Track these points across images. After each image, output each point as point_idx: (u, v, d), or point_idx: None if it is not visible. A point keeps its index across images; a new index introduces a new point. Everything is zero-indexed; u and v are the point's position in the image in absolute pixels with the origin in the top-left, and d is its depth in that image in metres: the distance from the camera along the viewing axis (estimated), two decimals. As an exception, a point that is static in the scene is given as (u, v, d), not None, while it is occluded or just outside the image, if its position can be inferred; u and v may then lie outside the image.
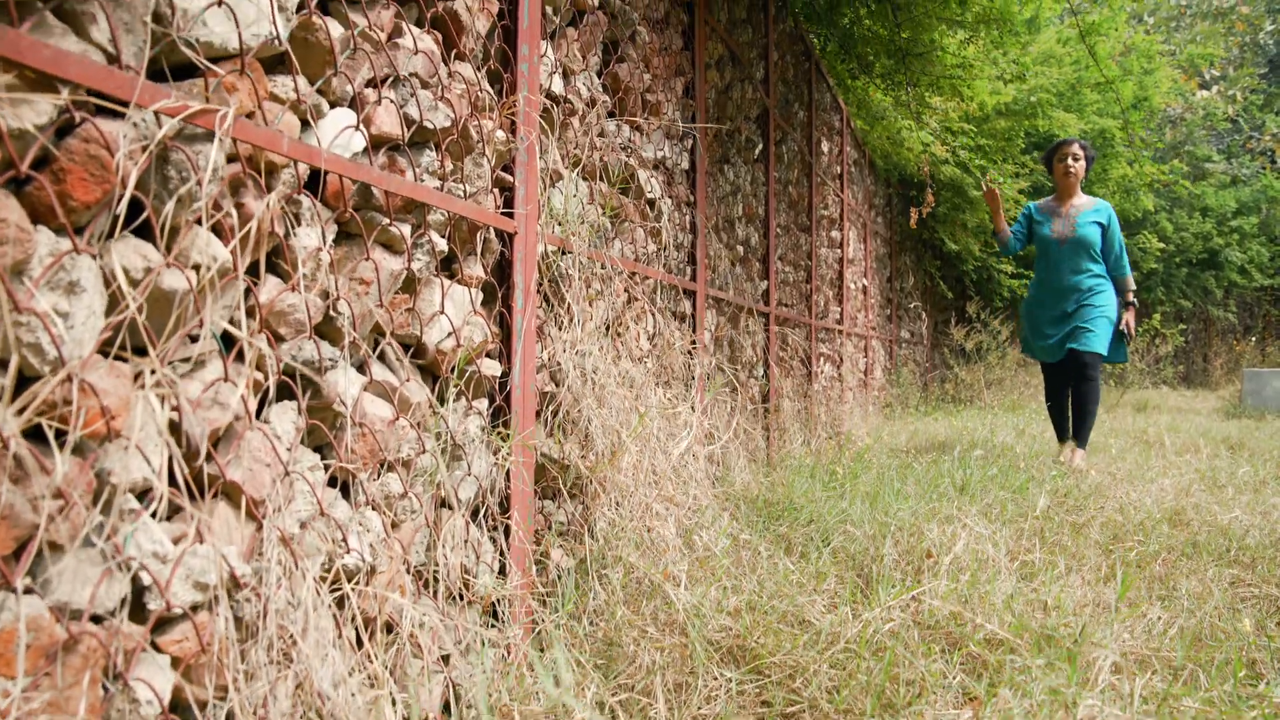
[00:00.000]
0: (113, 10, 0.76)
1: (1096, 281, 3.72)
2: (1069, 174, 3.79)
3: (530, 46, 1.54)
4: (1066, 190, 3.83)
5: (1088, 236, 3.70)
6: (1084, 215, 3.76)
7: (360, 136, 1.09)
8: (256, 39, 0.93)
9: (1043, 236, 3.83)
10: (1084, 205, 3.80)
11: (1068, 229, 3.74)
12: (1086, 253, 3.72)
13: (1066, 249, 3.73)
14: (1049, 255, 3.81)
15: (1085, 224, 3.73)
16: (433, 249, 1.27)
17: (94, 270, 0.75)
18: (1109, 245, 3.77)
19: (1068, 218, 3.78)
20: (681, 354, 2.37)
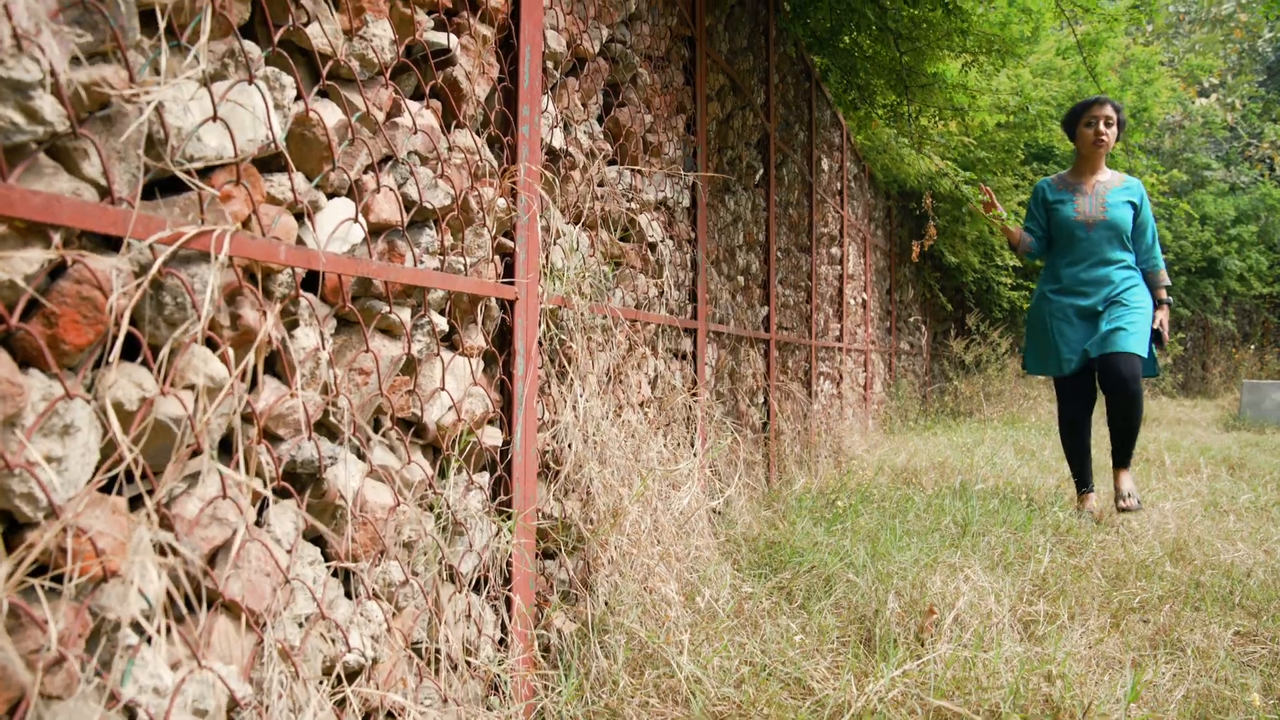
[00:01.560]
0: (105, 140, 0.74)
1: (1129, 275, 3.09)
2: (1099, 141, 3.08)
3: (531, 107, 1.52)
4: (1092, 162, 3.14)
5: (1120, 219, 3.05)
6: (1114, 193, 3.10)
7: (359, 228, 1.07)
8: (253, 144, 0.91)
9: (1065, 219, 3.12)
10: (1113, 181, 3.14)
11: (1096, 209, 3.09)
12: (1118, 239, 3.08)
13: (1095, 234, 3.07)
14: (1071, 242, 3.12)
15: (1117, 204, 3.08)
16: (433, 329, 1.25)
17: (88, 409, 0.73)
18: (1139, 231, 3.13)
19: (1095, 196, 3.11)
20: (683, 394, 2.35)
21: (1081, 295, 3.11)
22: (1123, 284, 3.06)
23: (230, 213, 0.89)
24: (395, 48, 1.18)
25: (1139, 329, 2.97)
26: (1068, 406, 3.22)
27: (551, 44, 1.65)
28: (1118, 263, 3.09)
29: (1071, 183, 3.21)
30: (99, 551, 0.73)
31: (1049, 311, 3.18)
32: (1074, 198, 3.16)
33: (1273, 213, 9.60)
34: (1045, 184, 3.28)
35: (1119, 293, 3.06)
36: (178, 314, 0.81)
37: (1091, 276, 3.09)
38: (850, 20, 2.92)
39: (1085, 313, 3.09)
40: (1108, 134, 3.11)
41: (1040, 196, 3.29)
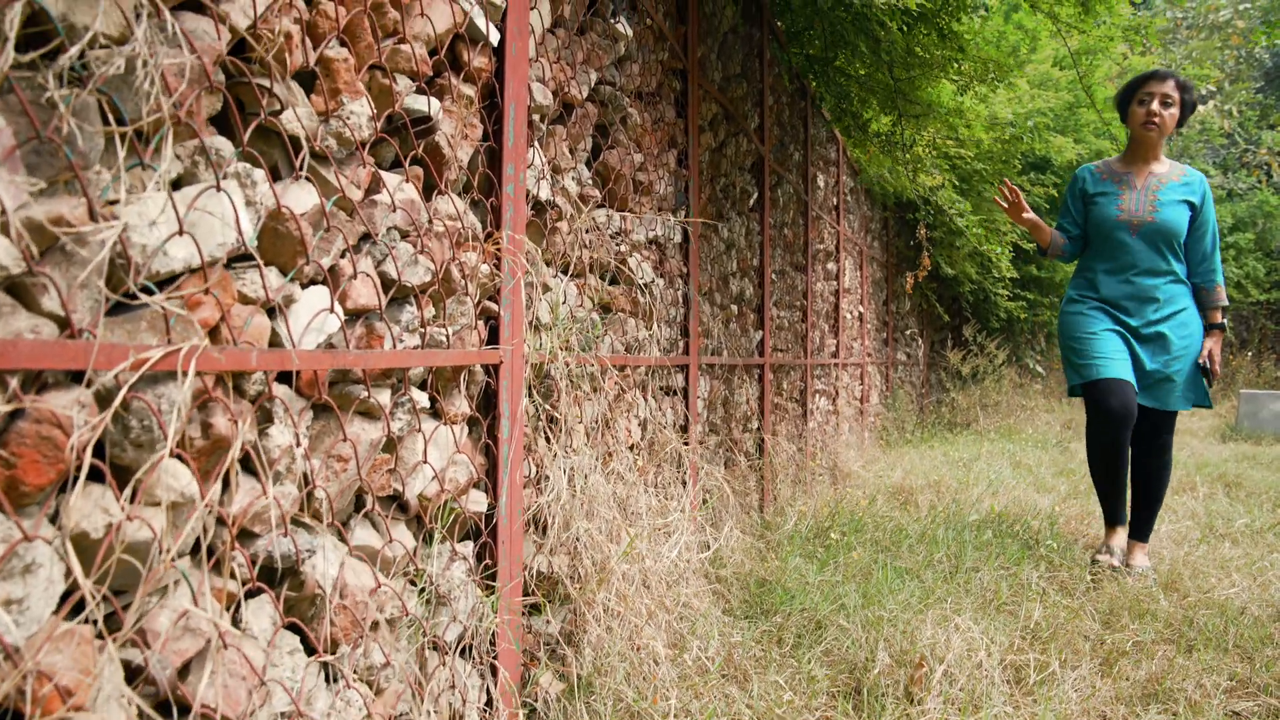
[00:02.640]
0: (66, 270, 0.72)
1: (1177, 291, 2.61)
2: (1149, 124, 2.55)
3: (515, 165, 1.50)
4: (1144, 149, 2.63)
5: (1172, 222, 2.55)
6: (1169, 190, 2.60)
7: (335, 318, 1.06)
8: (223, 248, 0.90)
9: (1106, 218, 2.62)
10: (1170, 175, 2.63)
11: (1144, 207, 2.57)
12: (1169, 246, 2.58)
13: (1141, 238, 2.57)
14: (1111, 245, 2.61)
15: (1170, 203, 2.56)
16: (413, 406, 1.24)
17: (51, 545, 0.72)
18: (1196, 237, 2.61)
19: (1145, 190, 2.60)
20: (674, 438, 2.34)
21: (1123, 311, 2.64)
22: (1169, 305, 2.59)
23: (200, 320, 0.87)
24: (373, 124, 1.16)
25: (1185, 377, 2.61)
26: (1103, 428, 2.54)
27: (538, 97, 1.63)
28: (1166, 275, 2.59)
29: (1119, 173, 2.68)
30: (64, 693, 0.72)
31: (1083, 312, 2.68)
32: (1119, 192, 2.64)
33: (1270, 220, 9.58)
34: (1087, 172, 2.75)
35: (1166, 316, 2.59)
36: (145, 436, 0.80)
37: (1134, 290, 2.60)
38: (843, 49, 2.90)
39: (1127, 328, 2.63)
40: (1164, 115, 2.56)
41: (1078, 187, 2.75)
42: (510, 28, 1.49)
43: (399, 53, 1.23)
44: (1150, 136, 2.62)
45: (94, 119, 0.72)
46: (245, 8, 0.93)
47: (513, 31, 1.50)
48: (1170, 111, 2.60)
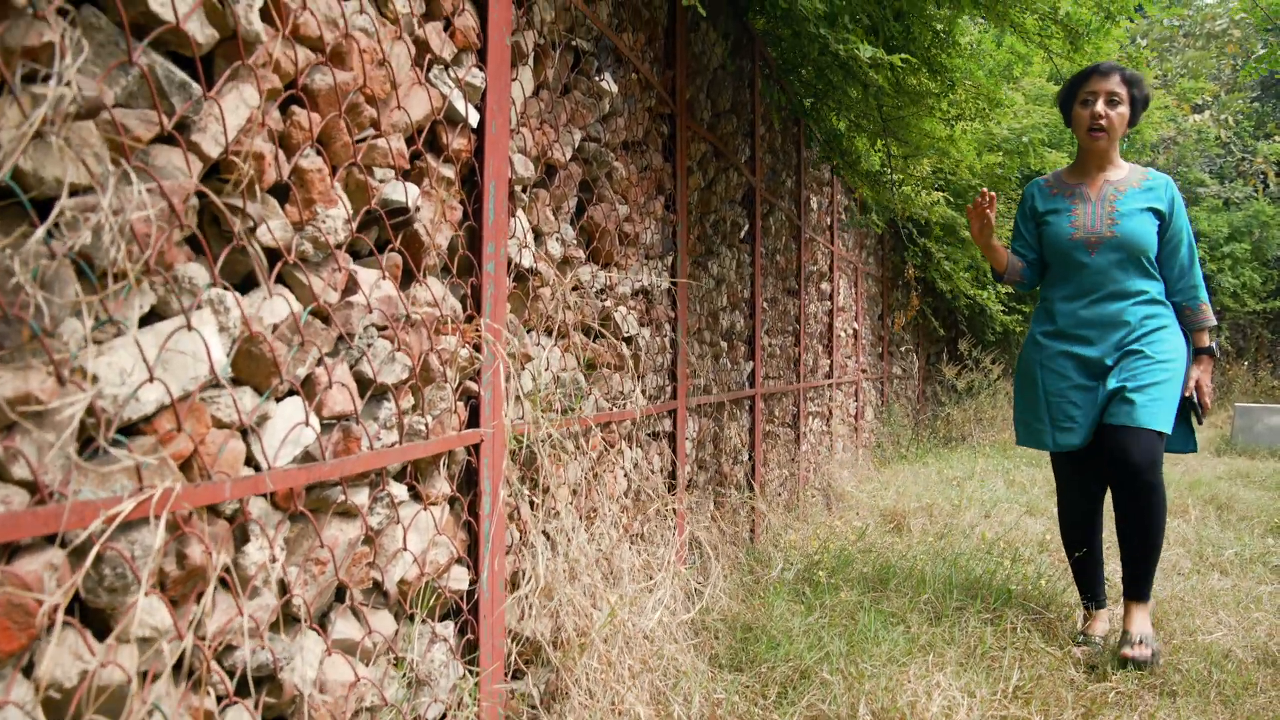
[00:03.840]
0: (36, 433, 0.74)
1: (1153, 311, 2.26)
2: (1095, 129, 2.24)
3: (496, 244, 1.52)
4: (1094, 156, 2.31)
5: (1136, 234, 2.21)
6: (1130, 198, 2.26)
7: (311, 430, 1.07)
8: (196, 381, 0.91)
9: (1058, 237, 2.30)
10: (1128, 180, 2.30)
11: (1102, 221, 2.25)
12: (1135, 262, 2.24)
13: (1100, 257, 2.25)
14: (1068, 268, 2.31)
15: (1132, 212, 2.23)
16: (392, 501, 1.25)
17: (19, 712, 0.74)
18: (1169, 249, 2.27)
19: (1101, 202, 2.27)
20: (661, 487, 2.35)
21: (1083, 342, 2.28)
22: (1143, 326, 2.23)
23: (173, 453, 0.89)
24: (349, 226, 1.18)
25: (1162, 392, 2.16)
26: (1069, 496, 2.39)
27: (519, 169, 1.64)
28: (1136, 295, 2.24)
29: (1070, 186, 2.35)
30: (35, 845, 0.74)
31: (1039, 361, 2.36)
32: (1071, 207, 2.31)
33: (1266, 229, 9.58)
34: (1035, 188, 2.46)
35: (1137, 338, 2.23)
36: (119, 581, 0.82)
37: (1097, 315, 2.25)
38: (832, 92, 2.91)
39: (1090, 368, 2.28)
40: (1111, 116, 2.23)
41: (1028, 205, 2.44)
42: (490, 105, 1.51)
43: (375, 149, 1.24)
44: (1098, 143, 2.29)
45: (64, 286, 0.74)
46: (216, 136, 0.95)
47: (492, 109, 1.51)
48: (1119, 111, 2.26)
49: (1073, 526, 2.47)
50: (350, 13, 1.20)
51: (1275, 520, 3.96)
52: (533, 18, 1.74)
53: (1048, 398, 2.35)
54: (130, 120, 0.85)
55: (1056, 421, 2.34)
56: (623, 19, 2.18)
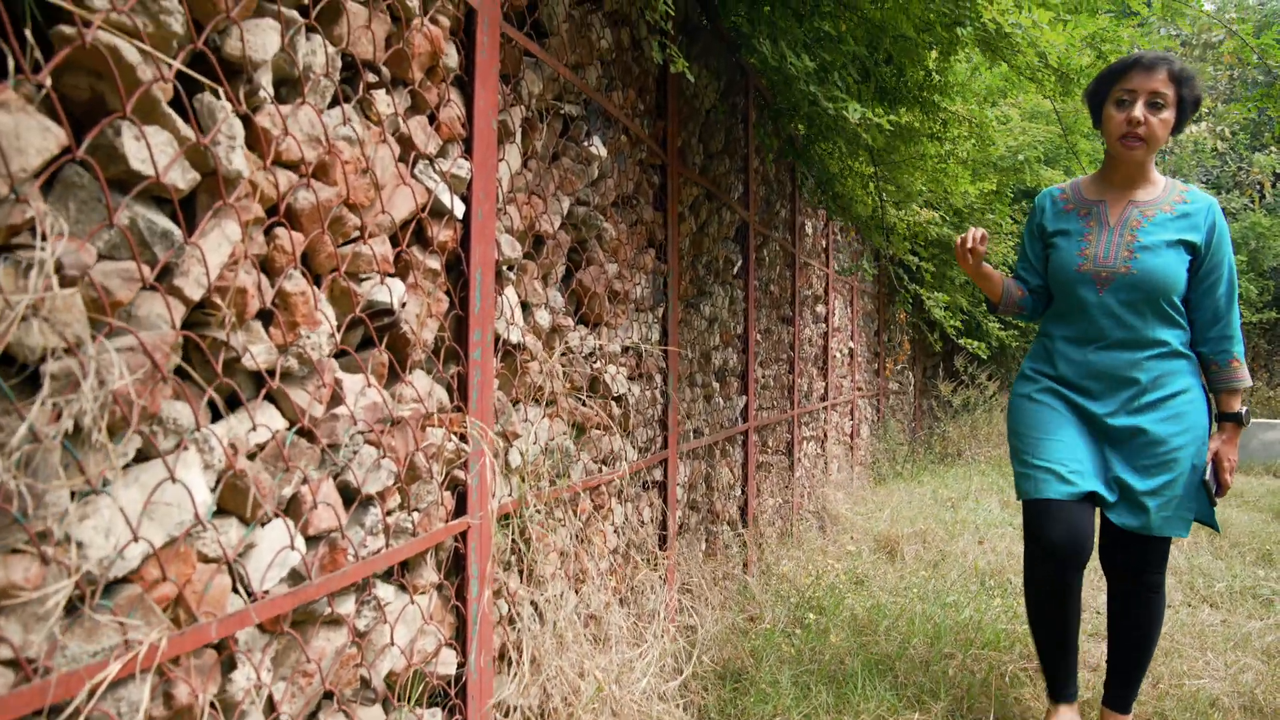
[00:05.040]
0: (23, 617, 0.76)
1: (1171, 368, 1.88)
2: (1134, 136, 1.83)
3: (483, 330, 1.53)
4: (1125, 168, 1.92)
5: (1158, 273, 1.84)
6: (1158, 226, 1.87)
7: (297, 553, 1.09)
8: (181, 526, 0.93)
9: (1064, 267, 1.94)
10: (1160, 201, 1.90)
11: (1117, 252, 1.88)
12: (1153, 305, 1.86)
13: (1110, 296, 1.88)
14: (1073, 304, 1.95)
15: (1158, 246, 1.85)
16: (379, 604, 1.27)
17: None
18: (1204, 287, 1.89)
19: (1121, 228, 1.90)
20: (652, 530, 2.37)
21: (1085, 394, 1.93)
22: (1157, 388, 1.86)
23: (158, 597, 0.91)
24: (333, 340, 1.19)
25: (1178, 488, 1.83)
26: (1042, 564, 1.89)
27: (506, 250, 1.66)
28: (1152, 347, 1.87)
29: (1088, 202, 1.96)
30: None
31: (1029, 394, 2.01)
32: (1084, 229, 1.93)
33: (1262, 240, 9.60)
34: (1048, 199, 2.06)
35: (1148, 405, 1.86)
36: (102, 738, 0.84)
37: (1103, 365, 1.90)
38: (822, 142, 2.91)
39: (1090, 421, 1.93)
40: (1152, 124, 1.82)
41: (1036, 221, 2.07)
42: (476, 193, 1.52)
43: (360, 256, 1.26)
44: (1133, 155, 1.86)
45: (49, 471, 0.76)
46: (199, 278, 0.96)
47: (478, 197, 1.52)
48: (1162, 117, 1.82)
49: (1043, 602, 1.93)
50: (333, 124, 1.21)
51: (1266, 547, 3.99)
52: (520, 91, 1.75)
53: (1033, 434, 1.95)
54: (113, 281, 0.86)
55: (1041, 463, 1.90)
56: (612, 77, 2.19)
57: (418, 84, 1.40)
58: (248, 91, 1.05)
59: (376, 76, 1.32)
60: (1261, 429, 6.11)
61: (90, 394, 0.77)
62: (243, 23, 1.03)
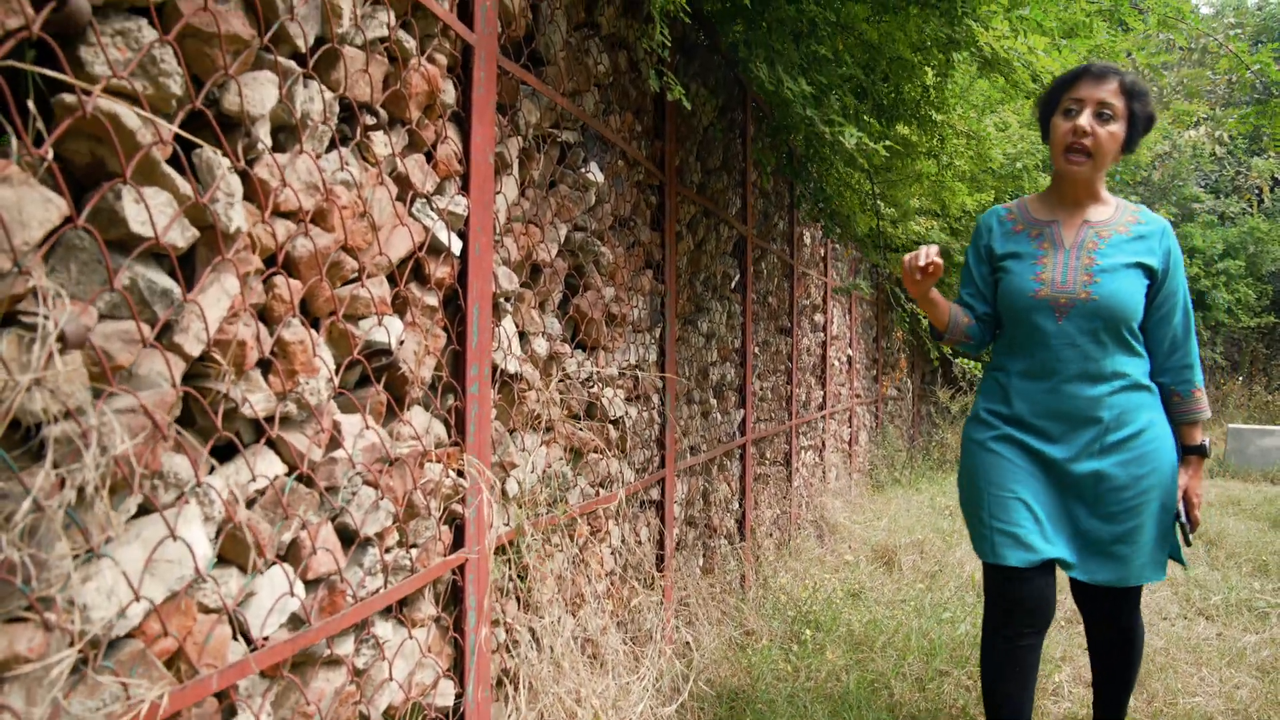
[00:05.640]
0: (26, 684, 0.77)
1: (1133, 402, 1.77)
2: (1079, 147, 1.73)
3: (480, 364, 1.55)
4: (1073, 185, 1.80)
5: (1120, 297, 1.73)
6: (1114, 247, 1.77)
7: (296, 599, 1.11)
8: (182, 581, 0.94)
9: (1019, 293, 1.80)
10: (1114, 221, 1.80)
11: (1076, 276, 1.76)
12: (1114, 333, 1.75)
13: (1071, 324, 1.75)
14: (1028, 334, 1.81)
15: (1116, 268, 1.74)
16: (377, 641, 1.29)
17: None
18: (1159, 314, 1.79)
19: (1078, 250, 1.78)
20: (650, 549, 2.39)
21: (1043, 437, 1.79)
22: (1121, 426, 1.75)
23: (158, 650, 0.92)
24: (331, 385, 1.20)
25: (1151, 532, 1.73)
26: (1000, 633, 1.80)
27: (503, 283, 1.67)
28: (1114, 379, 1.75)
29: (1039, 222, 1.84)
30: None
31: (983, 442, 1.84)
32: (1038, 252, 1.80)
33: (1260, 245, 9.61)
34: (994, 219, 1.93)
35: (1112, 445, 1.74)
36: (105, 795, 0.85)
37: (1064, 404, 1.76)
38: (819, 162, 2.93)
39: (1050, 469, 1.78)
40: (1099, 135, 1.71)
41: (982, 242, 1.93)
42: (473, 228, 1.53)
43: (358, 299, 1.27)
44: (1079, 171, 1.75)
45: (52, 539, 0.77)
46: (198, 333, 0.98)
47: (475, 232, 1.54)
48: (1110, 129, 1.72)
49: (1000, 667, 1.81)
50: (331, 169, 1.22)
51: (1262, 558, 4.00)
52: (518, 122, 1.76)
53: (989, 490, 1.80)
54: (114, 344, 0.87)
55: (998, 525, 1.76)
56: (610, 102, 2.21)
57: (415, 123, 1.41)
58: (246, 145, 1.06)
59: (374, 118, 1.33)
60: (1259, 435, 6.12)
61: (93, 464, 0.78)
62: (241, 77, 1.05)
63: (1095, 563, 1.76)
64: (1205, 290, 9.83)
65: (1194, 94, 7.92)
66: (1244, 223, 9.92)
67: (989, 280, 1.93)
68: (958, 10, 2.05)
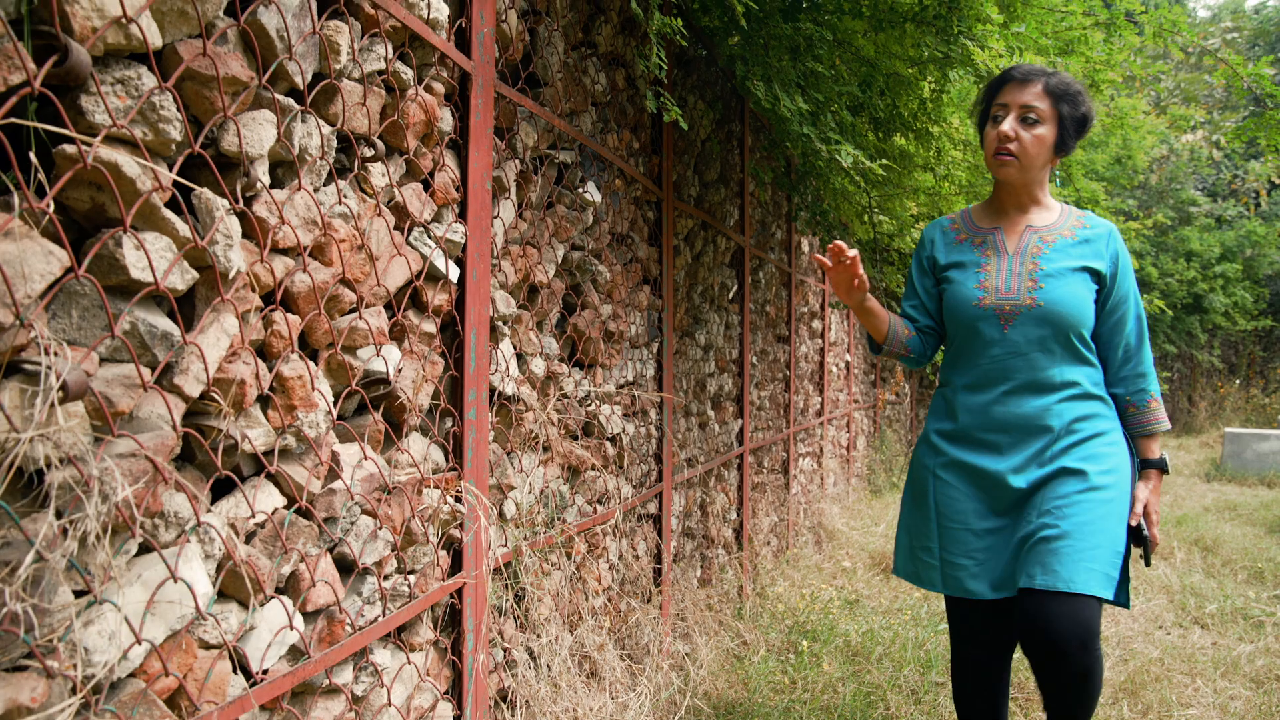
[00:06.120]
0: (29, 721, 0.78)
1: (1087, 410, 1.69)
2: (1004, 152, 1.68)
3: (478, 390, 1.56)
4: (1010, 192, 1.75)
5: (1067, 304, 1.66)
6: (1059, 251, 1.71)
7: (296, 632, 1.12)
8: (183, 620, 0.96)
9: (962, 302, 1.75)
10: (1059, 226, 1.74)
11: (1020, 283, 1.70)
12: (1063, 341, 1.68)
13: (1017, 333, 1.69)
14: (973, 344, 1.76)
15: (1062, 272, 1.68)
16: (376, 669, 1.30)
17: None
18: (1111, 322, 1.73)
19: (1021, 255, 1.72)
20: (648, 563, 2.40)
21: (989, 450, 1.72)
22: (1072, 433, 1.67)
23: (159, 689, 0.94)
24: (330, 417, 1.22)
25: (1102, 534, 1.57)
26: (966, 658, 1.81)
27: (501, 308, 1.68)
28: (1064, 388, 1.68)
29: (981, 230, 1.79)
30: None
31: (933, 470, 1.79)
32: (980, 260, 1.75)
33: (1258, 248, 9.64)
34: (938, 230, 1.88)
35: (1064, 449, 1.66)
36: (107, 835, 0.86)
37: (1010, 415, 1.70)
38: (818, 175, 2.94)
39: (997, 491, 1.70)
40: (1024, 140, 1.67)
41: (925, 253, 1.88)
42: (471, 254, 1.54)
43: (356, 331, 1.28)
44: (1008, 175, 1.70)
45: (54, 590, 0.78)
46: (198, 374, 0.99)
47: (473, 258, 1.55)
48: (1036, 133, 1.67)
49: (969, 697, 1.81)
50: (329, 202, 1.24)
51: (1258, 565, 4.02)
52: (515, 145, 1.77)
53: (940, 521, 1.75)
54: (114, 390, 0.89)
55: (950, 557, 1.72)
56: (607, 120, 2.22)
57: (413, 152, 1.42)
58: (244, 185, 1.07)
59: (372, 150, 1.34)
60: (1256, 440, 6.14)
61: (94, 514, 0.79)
62: (239, 117, 1.06)
63: (1034, 560, 1.59)
64: (1203, 293, 9.87)
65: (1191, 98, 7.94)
66: (1241, 226, 9.95)
67: (932, 293, 1.89)
68: (953, 29, 2.06)
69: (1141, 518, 1.67)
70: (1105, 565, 1.56)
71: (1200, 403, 10.40)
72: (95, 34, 0.85)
